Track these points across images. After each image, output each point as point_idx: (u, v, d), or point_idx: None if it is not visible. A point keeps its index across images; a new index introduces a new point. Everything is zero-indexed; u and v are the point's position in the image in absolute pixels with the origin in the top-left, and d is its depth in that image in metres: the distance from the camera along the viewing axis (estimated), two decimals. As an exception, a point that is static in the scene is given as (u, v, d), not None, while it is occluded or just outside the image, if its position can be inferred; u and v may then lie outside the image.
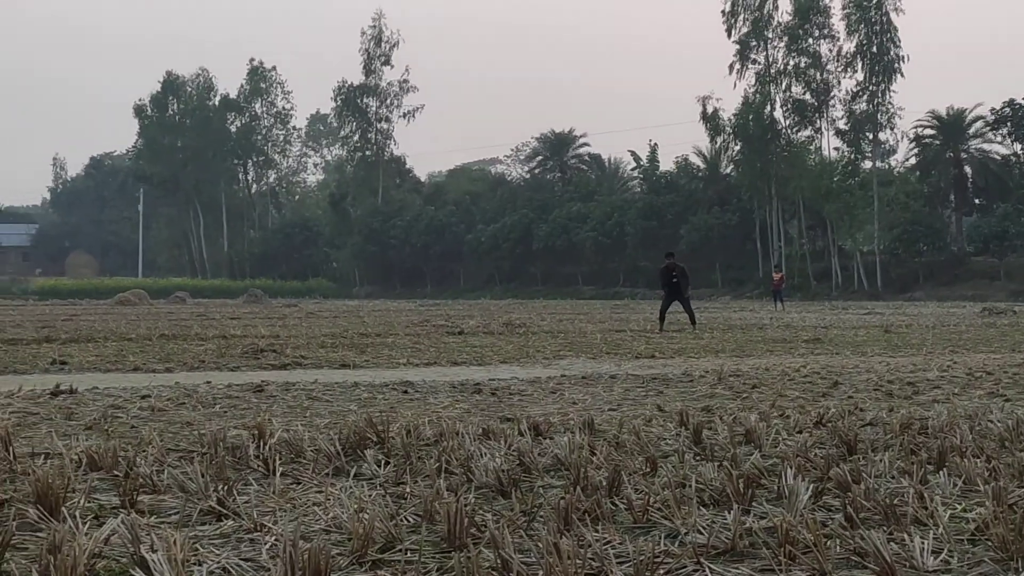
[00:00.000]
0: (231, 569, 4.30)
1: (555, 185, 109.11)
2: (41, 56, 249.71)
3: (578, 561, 4.16)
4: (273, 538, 4.75)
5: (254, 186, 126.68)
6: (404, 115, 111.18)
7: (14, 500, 5.60)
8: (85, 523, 4.93)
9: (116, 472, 6.34)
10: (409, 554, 4.57)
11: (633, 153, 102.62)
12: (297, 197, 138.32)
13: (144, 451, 7.07)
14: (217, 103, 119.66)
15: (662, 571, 4.24)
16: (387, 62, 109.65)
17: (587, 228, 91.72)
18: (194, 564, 4.30)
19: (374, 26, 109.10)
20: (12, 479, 6.27)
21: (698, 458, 6.96)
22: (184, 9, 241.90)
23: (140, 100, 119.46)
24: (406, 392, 11.90)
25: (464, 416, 9.45)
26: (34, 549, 4.64)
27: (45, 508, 5.24)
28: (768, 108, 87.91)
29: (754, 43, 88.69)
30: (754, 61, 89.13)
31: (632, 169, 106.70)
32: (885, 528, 4.91)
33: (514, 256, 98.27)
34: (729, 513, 5.05)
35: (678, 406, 9.84)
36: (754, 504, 5.53)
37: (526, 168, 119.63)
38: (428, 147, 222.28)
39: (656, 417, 9.25)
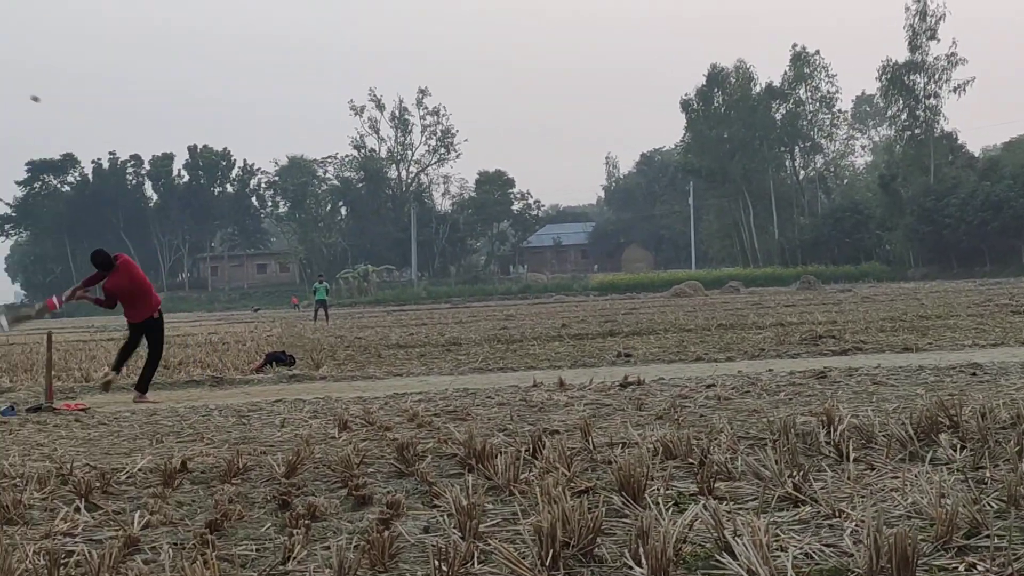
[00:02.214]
0: (814, 554, 4.32)
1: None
2: (599, 58, 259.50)
3: None
4: (854, 524, 4.73)
5: (801, 172, 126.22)
6: (954, 90, 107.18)
7: (598, 488, 5.88)
8: (667, 509, 5.10)
9: (690, 460, 6.52)
10: (997, 540, 4.42)
11: None
12: (846, 180, 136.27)
13: (716, 439, 7.23)
14: (760, 91, 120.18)
15: None
16: (933, 36, 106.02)
17: None
18: (777, 549, 4.34)
19: (919, 1, 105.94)
20: (593, 467, 6.58)
21: None
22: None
23: (686, 95, 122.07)
24: (974, 374, 11.49)
25: (1041, 398, 9.02)
26: (621, 534, 4.85)
27: (628, 495, 5.47)
28: None
29: None
30: None
31: None
32: None
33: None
34: None
35: None
36: None
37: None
38: (982, 121, 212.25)
39: None
